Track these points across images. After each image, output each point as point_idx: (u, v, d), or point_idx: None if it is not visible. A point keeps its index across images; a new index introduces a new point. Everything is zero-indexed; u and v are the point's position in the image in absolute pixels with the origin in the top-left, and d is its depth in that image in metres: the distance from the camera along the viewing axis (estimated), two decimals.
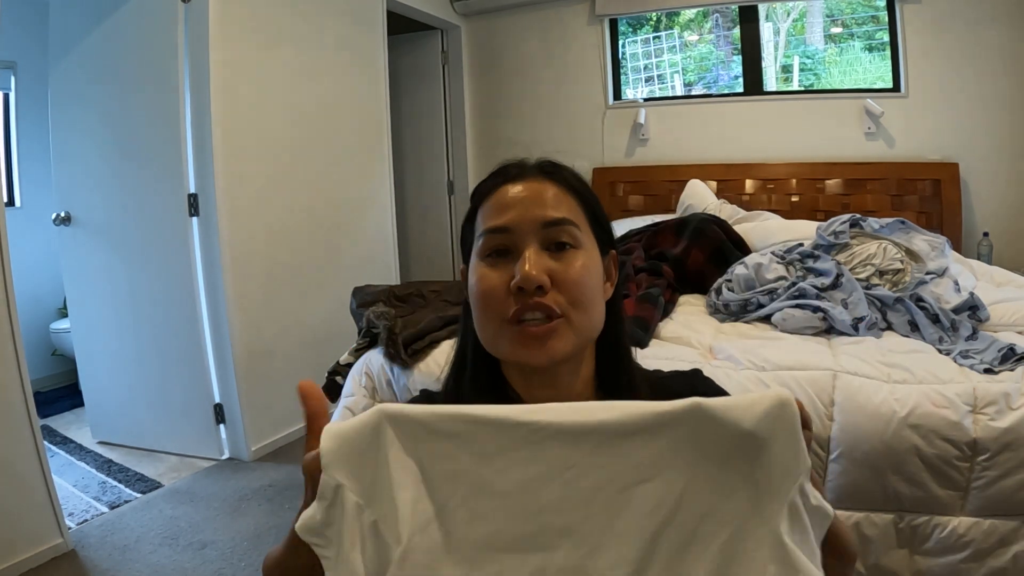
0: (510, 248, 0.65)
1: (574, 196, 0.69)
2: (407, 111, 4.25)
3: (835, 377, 1.48)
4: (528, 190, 0.66)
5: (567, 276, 0.63)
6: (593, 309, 0.66)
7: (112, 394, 2.81)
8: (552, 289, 0.63)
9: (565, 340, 0.63)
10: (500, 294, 0.64)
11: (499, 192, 0.67)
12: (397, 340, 1.79)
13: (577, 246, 0.65)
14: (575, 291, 0.63)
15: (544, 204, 0.65)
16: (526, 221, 0.64)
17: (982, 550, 1.34)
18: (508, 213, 0.65)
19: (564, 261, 0.64)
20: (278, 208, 2.81)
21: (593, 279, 0.66)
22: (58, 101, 2.68)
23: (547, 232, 0.64)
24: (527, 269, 0.62)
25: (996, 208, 3.16)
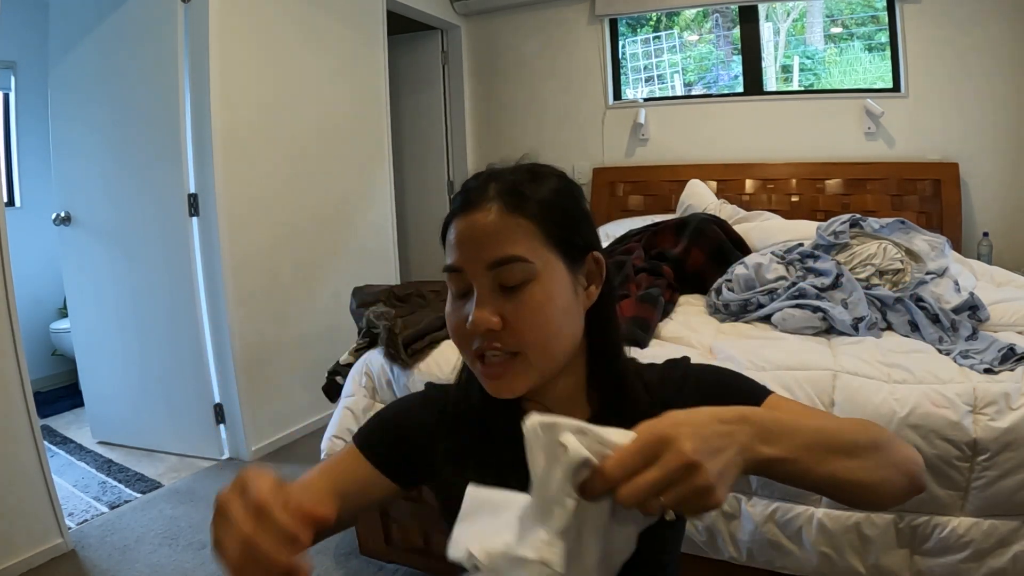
0: (467, 288, 0.65)
1: (530, 221, 0.65)
2: (407, 111, 4.25)
3: (835, 377, 1.48)
4: (479, 224, 0.64)
5: (519, 316, 0.62)
6: (555, 340, 0.65)
7: (112, 394, 2.81)
8: (505, 329, 0.62)
9: (524, 377, 0.64)
10: (462, 330, 0.65)
11: (456, 224, 0.66)
12: (397, 340, 1.79)
13: (530, 279, 0.63)
14: (529, 331, 0.63)
15: (494, 240, 0.63)
16: (476, 261, 0.63)
17: (982, 550, 1.34)
18: (460, 252, 0.65)
19: (516, 300, 0.63)
20: (278, 208, 2.81)
21: (554, 310, 0.64)
22: (58, 101, 2.68)
23: (497, 272, 0.63)
24: (474, 316, 0.62)
25: (996, 208, 3.16)
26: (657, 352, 1.70)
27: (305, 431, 2.93)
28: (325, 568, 1.92)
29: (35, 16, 3.32)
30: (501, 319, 0.62)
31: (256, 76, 2.68)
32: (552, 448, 0.44)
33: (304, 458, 2.67)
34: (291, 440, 2.87)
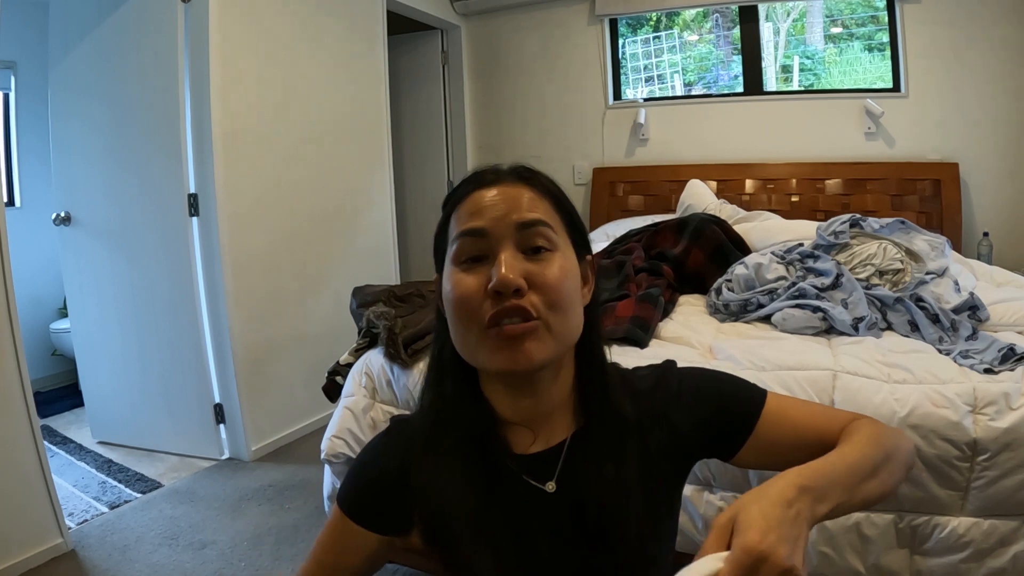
0: (485, 253, 0.63)
1: (550, 200, 0.67)
2: (407, 111, 4.25)
3: (835, 377, 1.48)
4: (503, 194, 0.65)
5: (544, 278, 0.62)
6: (571, 312, 0.64)
7: (112, 394, 2.81)
8: (529, 292, 0.62)
9: (543, 344, 0.62)
10: (476, 299, 0.62)
11: (473, 197, 0.66)
12: (397, 340, 1.79)
13: (553, 249, 0.64)
14: (553, 293, 0.62)
15: (519, 207, 0.64)
16: (501, 224, 0.63)
17: (982, 550, 1.34)
18: (483, 217, 0.64)
19: (541, 263, 0.63)
20: (278, 208, 2.81)
21: (571, 282, 0.65)
22: (58, 101, 2.68)
23: (523, 235, 0.63)
24: (504, 272, 0.61)
25: (996, 208, 3.16)
26: (657, 352, 1.70)
27: (305, 431, 2.93)
28: None
29: (35, 16, 3.32)
30: (525, 282, 0.62)
31: (256, 76, 2.68)
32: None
33: (304, 458, 2.67)
34: (291, 440, 2.87)
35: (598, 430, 0.68)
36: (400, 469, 0.68)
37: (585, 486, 0.66)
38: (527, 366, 0.62)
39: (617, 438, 0.68)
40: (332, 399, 1.99)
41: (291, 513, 2.24)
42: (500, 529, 0.65)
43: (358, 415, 1.83)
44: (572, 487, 0.66)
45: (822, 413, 0.70)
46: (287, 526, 2.16)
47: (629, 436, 0.68)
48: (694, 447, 0.71)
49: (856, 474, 0.59)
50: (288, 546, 2.04)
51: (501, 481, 0.67)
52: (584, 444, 0.68)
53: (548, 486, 0.67)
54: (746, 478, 1.47)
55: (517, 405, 0.68)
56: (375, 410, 1.84)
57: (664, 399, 0.71)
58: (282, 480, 2.49)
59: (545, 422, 0.68)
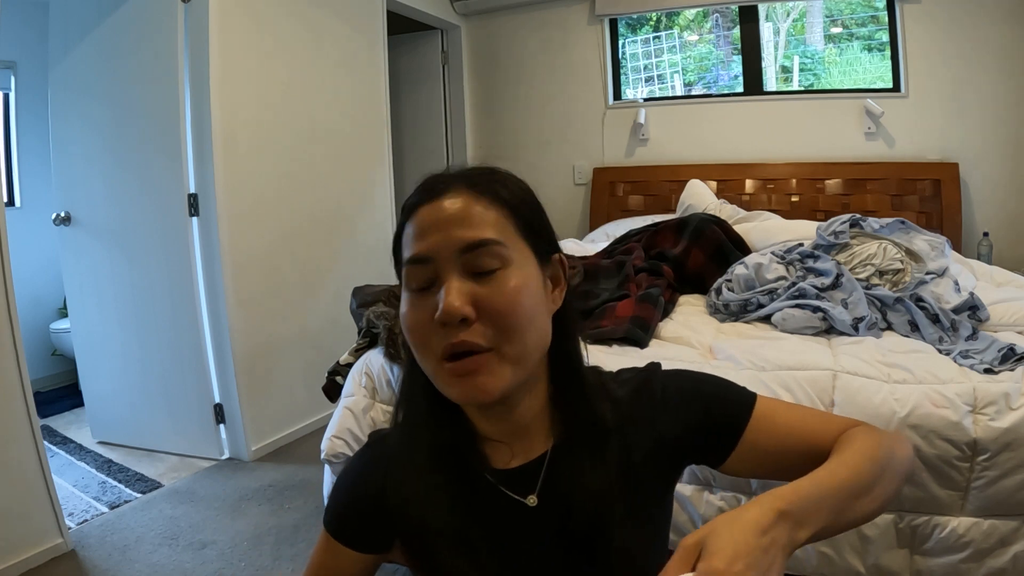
0: (432, 279, 0.59)
1: (501, 208, 0.62)
2: (407, 111, 4.25)
3: (835, 377, 1.48)
4: (448, 210, 0.60)
5: (494, 303, 0.58)
6: (530, 332, 0.60)
7: (112, 394, 2.81)
8: (478, 320, 0.58)
9: (498, 375, 0.58)
10: (427, 330, 0.59)
11: (419, 214, 0.62)
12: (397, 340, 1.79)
13: (505, 265, 0.59)
14: (504, 319, 0.58)
15: (465, 225, 0.59)
16: (445, 247, 0.59)
17: (982, 550, 1.35)
18: (426, 239, 0.60)
19: (491, 285, 0.58)
20: (278, 208, 2.81)
21: (529, 298, 0.60)
22: (58, 101, 2.68)
23: (469, 257, 0.59)
24: (447, 303, 0.57)
25: (996, 208, 3.16)
26: (657, 352, 1.70)
27: (305, 431, 2.93)
28: None
29: (35, 16, 3.32)
30: (474, 308, 0.58)
31: (256, 76, 2.68)
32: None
33: (304, 458, 2.67)
34: (291, 440, 2.86)
35: (578, 441, 0.66)
36: (378, 487, 0.67)
37: (567, 499, 0.64)
38: (485, 399, 0.59)
39: (598, 448, 0.66)
40: (332, 399, 1.99)
41: (291, 513, 2.24)
42: (482, 544, 0.64)
43: (358, 415, 1.83)
44: (554, 500, 0.65)
45: (816, 419, 0.66)
46: (287, 526, 2.16)
47: (610, 445, 0.66)
48: (680, 453, 0.68)
49: (846, 494, 0.55)
50: (288, 546, 2.04)
51: (481, 496, 0.65)
52: (564, 456, 0.65)
53: (529, 500, 0.65)
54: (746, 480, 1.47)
55: (491, 422, 0.66)
56: (375, 410, 1.84)
57: (648, 404, 0.68)
58: (282, 480, 2.49)
59: (523, 436, 0.66)
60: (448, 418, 0.66)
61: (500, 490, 0.65)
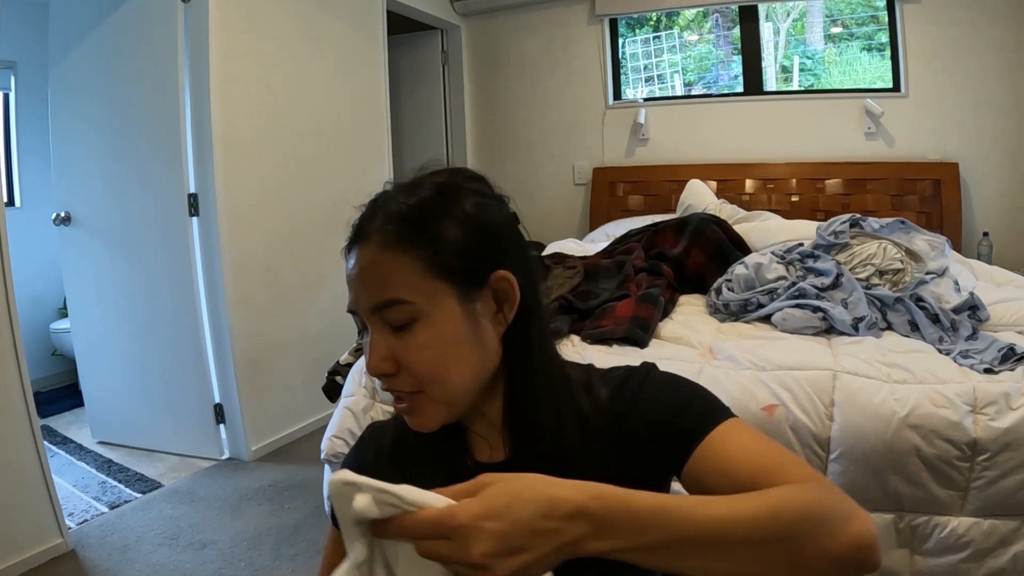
0: (365, 326, 0.64)
1: (409, 251, 0.60)
2: (407, 111, 4.25)
3: (835, 377, 1.48)
4: (358, 266, 0.63)
5: (408, 357, 0.61)
6: (453, 374, 0.62)
7: (112, 394, 2.81)
8: (400, 371, 0.61)
9: (431, 412, 0.63)
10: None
11: (347, 259, 0.65)
12: None
13: (418, 316, 0.60)
14: (420, 370, 0.61)
15: (371, 283, 0.61)
16: (360, 305, 0.63)
17: (982, 550, 1.34)
18: (351, 293, 0.64)
19: (404, 341, 0.61)
20: (278, 208, 2.81)
21: (443, 345, 0.61)
22: (58, 101, 2.68)
23: (380, 315, 0.61)
24: (367, 362, 0.62)
25: (996, 208, 3.16)
26: (657, 352, 1.70)
27: (305, 431, 2.93)
28: None
29: (35, 16, 3.32)
30: (395, 361, 0.61)
31: (256, 76, 2.68)
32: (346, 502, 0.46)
33: (304, 458, 2.67)
34: (291, 440, 2.86)
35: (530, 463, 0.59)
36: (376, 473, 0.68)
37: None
38: (425, 430, 0.63)
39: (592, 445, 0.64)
40: (332, 399, 1.99)
41: (291, 513, 2.24)
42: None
43: (358, 415, 1.83)
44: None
45: (776, 458, 0.56)
46: (287, 526, 2.16)
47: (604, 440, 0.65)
48: (647, 457, 0.64)
49: (698, 538, 0.45)
50: (288, 546, 2.04)
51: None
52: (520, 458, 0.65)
53: None
54: None
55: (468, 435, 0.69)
56: (375, 410, 1.84)
57: (622, 404, 0.66)
58: (282, 480, 2.49)
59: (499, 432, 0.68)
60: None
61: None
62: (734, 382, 1.52)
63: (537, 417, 0.65)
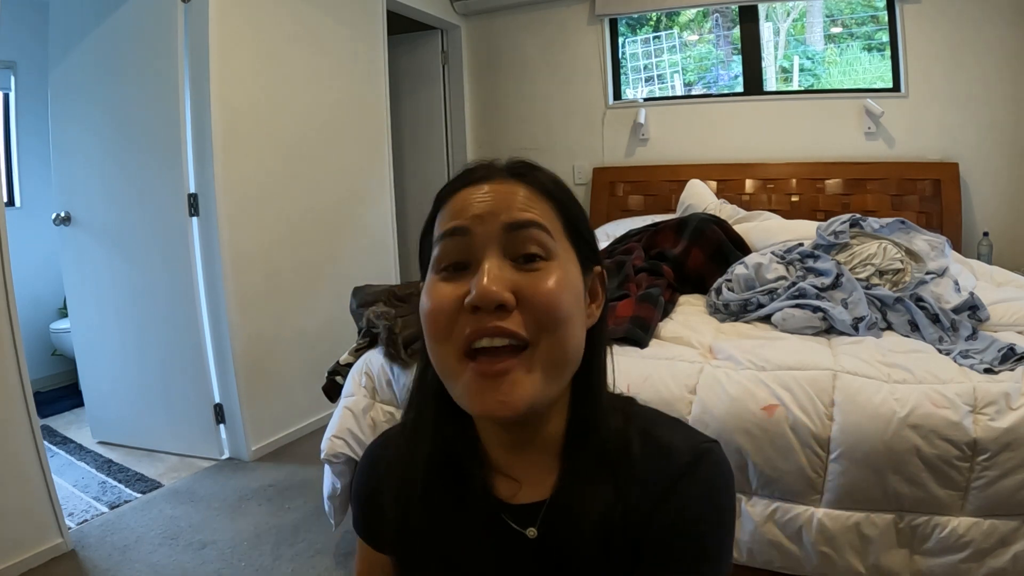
0: (468, 260, 0.54)
1: (549, 201, 0.57)
2: (407, 111, 4.25)
3: (835, 377, 1.48)
4: (493, 192, 0.56)
5: (536, 292, 0.52)
6: (570, 335, 0.54)
7: (112, 394, 2.81)
8: (516, 309, 0.51)
9: (527, 383, 0.52)
10: (452, 314, 0.53)
11: (459, 195, 0.57)
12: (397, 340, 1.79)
13: (550, 257, 0.54)
14: (546, 311, 0.52)
15: (511, 206, 0.55)
16: (487, 224, 0.54)
17: (982, 550, 1.34)
18: (466, 215, 0.55)
19: (533, 275, 0.53)
20: (278, 208, 2.81)
21: (569, 297, 0.54)
22: (58, 101, 2.68)
23: (512, 237, 0.53)
24: (485, 283, 0.50)
25: (996, 208, 3.16)
26: (657, 352, 1.70)
27: (305, 431, 2.93)
28: (325, 568, 1.92)
29: (35, 16, 3.32)
30: (513, 296, 0.51)
31: (256, 76, 2.68)
32: None
33: (304, 458, 2.67)
34: (291, 440, 2.86)
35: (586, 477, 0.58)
36: (382, 487, 0.65)
37: (568, 537, 0.57)
38: (509, 412, 0.52)
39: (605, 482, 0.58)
40: (332, 399, 1.99)
41: (291, 513, 2.24)
42: (473, 564, 0.60)
43: (358, 415, 1.83)
44: (554, 536, 0.58)
45: None
46: (287, 526, 2.16)
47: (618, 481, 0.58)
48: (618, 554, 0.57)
49: None
50: (288, 546, 2.04)
51: (479, 521, 0.61)
52: (570, 493, 0.58)
53: (529, 532, 0.59)
54: (746, 478, 1.47)
55: (502, 438, 0.60)
56: (375, 410, 1.84)
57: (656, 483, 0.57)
58: (282, 480, 2.49)
59: (531, 464, 0.60)
60: (454, 429, 0.61)
61: (500, 518, 0.60)
62: (734, 382, 1.52)
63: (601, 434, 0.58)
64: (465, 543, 0.60)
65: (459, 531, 0.60)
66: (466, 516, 0.60)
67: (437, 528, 0.60)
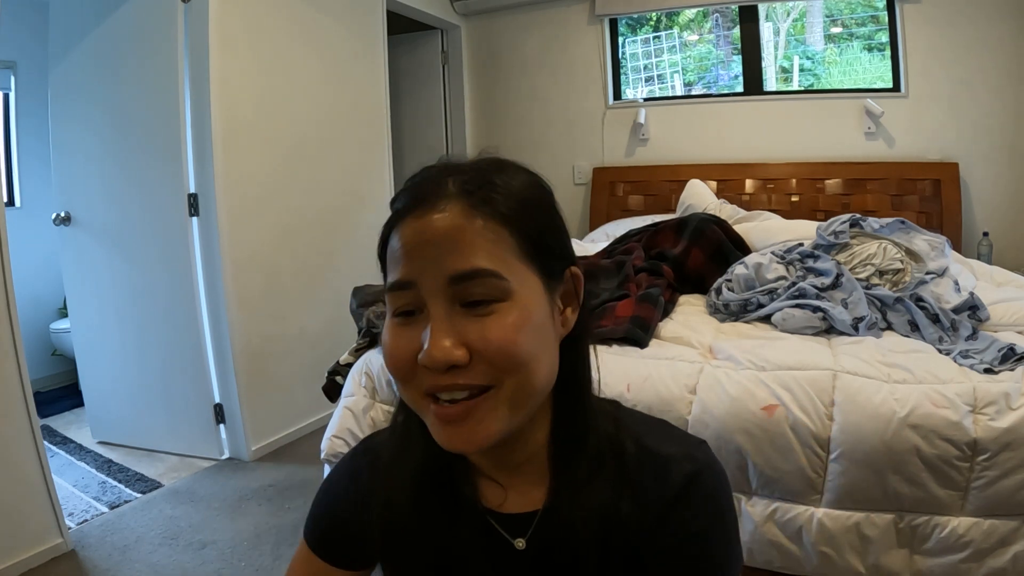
0: (417, 306, 0.52)
1: (501, 226, 0.53)
2: (407, 111, 4.25)
3: (835, 377, 1.48)
4: (430, 230, 0.52)
5: (488, 344, 0.50)
6: (535, 371, 0.52)
7: (112, 394, 2.81)
8: (472, 361, 0.50)
9: (492, 420, 0.51)
10: (409, 360, 0.51)
11: (404, 227, 0.54)
12: None
13: (503, 297, 0.51)
14: (504, 360, 0.50)
15: (456, 249, 0.51)
16: (431, 275, 0.51)
17: (982, 550, 1.34)
18: (411, 263, 0.52)
19: (485, 322, 0.50)
20: (278, 208, 2.81)
21: (530, 333, 0.51)
22: (58, 101, 2.68)
23: (459, 288, 0.50)
24: (428, 348, 0.49)
25: (996, 208, 3.16)
26: (657, 352, 1.70)
27: (305, 431, 2.93)
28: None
29: (35, 16, 3.32)
30: (467, 349, 0.50)
31: (256, 76, 2.68)
32: None
33: (304, 458, 2.67)
34: (291, 440, 2.87)
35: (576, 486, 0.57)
36: (361, 498, 0.63)
37: (557, 548, 0.57)
38: (475, 449, 0.52)
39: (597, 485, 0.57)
40: (332, 399, 1.99)
41: (291, 513, 2.24)
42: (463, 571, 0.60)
43: (358, 415, 1.83)
44: (543, 546, 0.58)
45: None
46: (287, 526, 2.16)
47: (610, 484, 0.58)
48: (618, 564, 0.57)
49: None
50: (288, 546, 2.04)
51: (468, 529, 0.60)
52: (561, 503, 0.57)
53: (517, 543, 0.59)
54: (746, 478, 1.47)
55: (486, 458, 0.59)
56: (375, 410, 1.84)
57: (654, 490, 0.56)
58: (282, 480, 2.49)
59: (519, 476, 0.59)
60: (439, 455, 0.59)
61: (490, 526, 0.60)
62: (734, 382, 1.52)
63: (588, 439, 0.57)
64: (455, 550, 0.60)
65: (449, 537, 0.60)
66: (456, 522, 0.60)
67: (426, 534, 0.60)
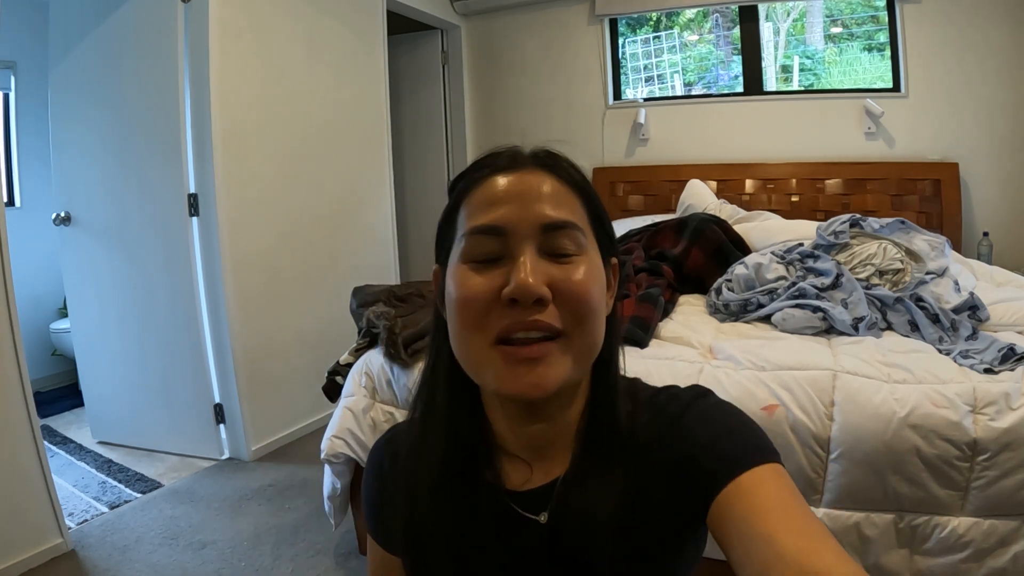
0: (500, 254, 0.54)
1: (576, 194, 0.58)
2: (407, 111, 4.25)
3: (835, 377, 1.48)
4: (523, 183, 0.56)
5: (571, 287, 0.53)
6: (597, 325, 0.56)
7: (112, 394, 2.81)
8: (553, 303, 0.53)
9: (562, 365, 0.54)
10: (486, 305, 0.53)
11: (487, 184, 0.57)
12: (397, 340, 1.79)
13: (581, 252, 0.56)
14: (580, 304, 0.54)
15: (543, 201, 0.55)
16: (523, 221, 0.54)
17: (982, 550, 1.34)
18: (499, 210, 0.55)
19: (566, 268, 0.54)
20: (278, 208, 2.81)
21: (598, 289, 0.56)
22: (58, 101, 2.68)
23: (547, 237, 0.54)
24: (523, 278, 0.51)
25: (996, 208, 3.16)
26: (657, 352, 1.70)
27: (305, 431, 2.93)
28: (325, 568, 1.92)
29: (35, 16, 3.32)
30: (550, 291, 0.53)
31: (256, 76, 2.68)
32: None
33: (304, 458, 2.67)
34: (291, 440, 2.87)
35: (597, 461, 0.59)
36: (388, 485, 0.65)
37: (580, 520, 0.57)
38: (540, 393, 0.53)
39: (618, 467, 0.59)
40: (332, 399, 1.99)
41: (291, 513, 2.24)
42: (483, 557, 0.60)
43: (358, 415, 1.83)
44: (566, 519, 0.59)
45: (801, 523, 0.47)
46: (287, 526, 2.16)
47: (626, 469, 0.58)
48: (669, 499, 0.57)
49: None
50: (288, 546, 2.04)
51: (489, 509, 0.61)
52: (582, 474, 0.59)
53: (541, 517, 0.60)
54: None
55: (520, 430, 0.60)
56: (375, 410, 1.84)
57: (664, 423, 0.59)
58: (282, 480, 2.49)
59: (546, 452, 0.61)
60: (466, 420, 0.62)
61: (511, 510, 0.61)
62: (734, 382, 1.52)
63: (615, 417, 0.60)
64: (475, 534, 0.61)
65: (469, 522, 0.60)
66: (477, 507, 0.61)
67: (447, 519, 0.60)
